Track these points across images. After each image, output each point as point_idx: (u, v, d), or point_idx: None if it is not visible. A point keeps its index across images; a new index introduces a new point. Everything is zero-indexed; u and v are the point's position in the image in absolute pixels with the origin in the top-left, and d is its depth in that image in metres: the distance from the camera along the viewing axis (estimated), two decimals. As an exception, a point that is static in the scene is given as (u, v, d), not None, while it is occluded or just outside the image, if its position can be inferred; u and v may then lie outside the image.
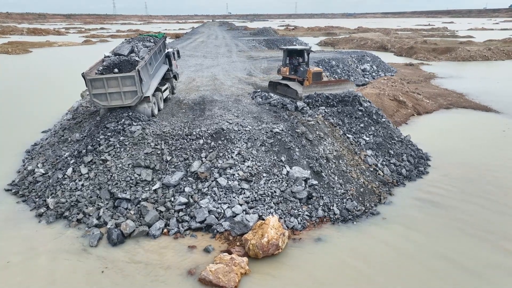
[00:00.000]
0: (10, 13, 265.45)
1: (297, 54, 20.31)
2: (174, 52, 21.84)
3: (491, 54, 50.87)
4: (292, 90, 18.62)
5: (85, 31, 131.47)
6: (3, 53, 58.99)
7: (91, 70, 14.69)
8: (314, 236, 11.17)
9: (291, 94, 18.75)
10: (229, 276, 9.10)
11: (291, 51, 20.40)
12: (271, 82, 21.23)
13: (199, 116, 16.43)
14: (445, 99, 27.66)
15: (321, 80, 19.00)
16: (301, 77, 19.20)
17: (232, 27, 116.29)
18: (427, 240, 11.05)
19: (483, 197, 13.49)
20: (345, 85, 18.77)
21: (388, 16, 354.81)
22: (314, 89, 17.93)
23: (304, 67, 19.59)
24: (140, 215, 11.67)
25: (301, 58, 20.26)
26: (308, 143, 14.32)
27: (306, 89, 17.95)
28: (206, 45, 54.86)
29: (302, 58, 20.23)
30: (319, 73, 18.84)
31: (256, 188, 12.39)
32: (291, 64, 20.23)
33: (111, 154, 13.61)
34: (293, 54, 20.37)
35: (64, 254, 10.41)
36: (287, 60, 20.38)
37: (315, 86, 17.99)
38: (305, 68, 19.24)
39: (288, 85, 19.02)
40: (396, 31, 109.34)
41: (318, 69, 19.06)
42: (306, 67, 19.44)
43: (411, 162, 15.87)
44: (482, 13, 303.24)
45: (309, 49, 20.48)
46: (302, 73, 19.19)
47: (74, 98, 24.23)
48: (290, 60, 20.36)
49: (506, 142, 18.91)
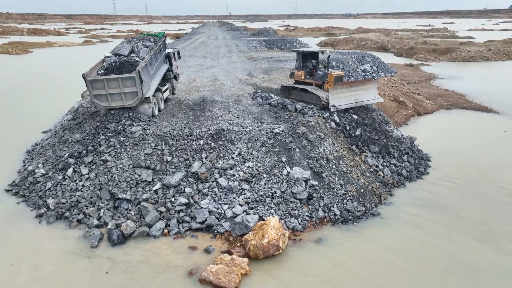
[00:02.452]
0: (10, 13, 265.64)
1: (312, 57, 19.00)
2: (174, 52, 21.84)
3: (491, 55, 50.89)
4: (311, 95, 17.19)
5: (85, 32, 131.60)
6: (3, 53, 59.04)
7: (91, 71, 14.70)
8: (315, 237, 11.18)
9: (310, 99, 17.37)
10: (229, 276, 9.10)
11: (306, 54, 19.08)
12: (283, 87, 19.91)
13: (199, 117, 16.44)
14: (445, 100, 27.67)
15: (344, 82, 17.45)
16: (320, 80, 17.88)
17: (232, 28, 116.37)
18: (428, 241, 11.05)
19: (483, 198, 13.49)
20: (369, 85, 17.25)
21: (388, 16, 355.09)
22: (340, 90, 16.38)
23: (322, 70, 18.31)
24: (141, 216, 11.67)
25: (315, 61, 18.88)
26: (309, 144, 14.33)
27: (333, 92, 16.20)
28: (206, 45, 54.89)
29: (316, 61, 18.87)
30: (341, 76, 17.51)
31: (257, 188, 12.40)
32: (306, 67, 18.85)
33: (112, 155, 13.62)
34: (308, 57, 19.06)
35: (65, 255, 10.40)
36: (301, 63, 19.02)
37: (340, 87, 16.38)
38: (325, 72, 17.97)
39: (306, 89, 17.65)
40: (396, 31, 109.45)
41: (339, 73, 17.70)
42: (326, 71, 18.13)
43: (411, 163, 15.87)
44: (482, 13, 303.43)
45: (328, 52, 18.68)
46: (321, 77, 17.83)
47: (75, 99, 24.27)
48: (304, 63, 19.02)
49: (506, 143, 18.92)
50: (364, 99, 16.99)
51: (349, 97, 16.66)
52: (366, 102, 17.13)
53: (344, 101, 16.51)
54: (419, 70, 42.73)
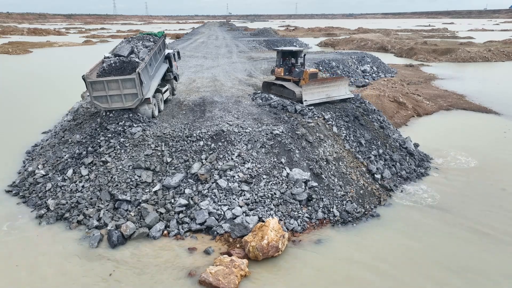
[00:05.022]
0: (10, 13, 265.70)
1: (291, 55, 20.45)
2: (174, 53, 21.81)
3: (491, 55, 50.92)
4: (288, 90, 18.66)
5: (86, 32, 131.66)
6: (3, 53, 59.06)
7: (91, 72, 14.71)
8: (314, 238, 11.20)
9: (288, 94, 18.80)
10: (229, 278, 9.12)
11: (286, 52, 20.57)
12: (265, 83, 21.37)
13: (199, 118, 16.44)
14: (445, 101, 27.69)
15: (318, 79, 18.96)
16: (297, 77, 19.22)
17: (232, 28, 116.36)
18: (427, 242, 11.06)
19: (484, 200, 13.51)
20: (340, 82, 18.73)
21: (388, 16, 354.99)
22: (312, 86, 17.85)
23: (300, 67, 19.67)
24: (140, 217, 11.69)
25: (294, 59, 20.32)
26: (308, 145, 14.34)
27: (305, 88, 17.74)
28: (206, 45, 54.89)
29: (295, 59, 20.30)
30: (315, 73, 18.93)
31: (256, 190, 12.42)
32: (285, 65, 20.30)
33: (112, 156, 13.64)
34: (287, 55, 20.55)
35: (65, 256, 10.42)
36: (281, 61, 20.50)
37: (313, 84, 17.91)
38: (301, 69, 19.34)
39: (283, 85, 19.09)
40: (396, 32, 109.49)
41: (314, 70, 19.11)
42: (302, 68, 19.52)
43: (411, 164, 15.88)
44: (482, 14, 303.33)
45: (304, 51, 20.61)
46: (298, 74, 19.21)
47: (75, 99, 24.29)
48: (284, 61, 20.45)
49: (507, 144, 18.94)
50: (335, 94, 18.51)
51: (321, 92, 18.19)
52: (337, 97, 18.57)
53: (316, 96, 18.01)
54: (419, 71, 42.75)
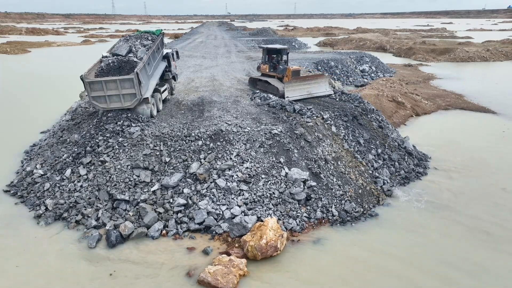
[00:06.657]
0: (8, 13, 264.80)
1: (276, 53, 21.42)
2: (173, 53, 21.75)
3: (489, 55, 50.99)
4: (272, 86, 19.69)
5: (84, 31, 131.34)
6: (1, 53, 58.86)
7: (89, 72, 14.67)
8: (313, 238, 11.20)
9: (272, 90, 19.79)
10: (227, 277, 9.12)
11: (271, 50, 21.53)
12: (251, 78, 22.45)
13: (198, 117, 16.43)
14: (444, 100, 27.72)
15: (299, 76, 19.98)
16: (281, 74, 20.23)
17: (231, 27, 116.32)
18: (426, 242, 11.07)
19: (482, 199, 13.52)
20: (321, 80, 19.84)
21: (387, 16, 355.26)
22: (294, 84, 18.86)
23: (283, 65, 20.74)
24: (139, 217, 11.67)
25: (279, 56, 21.30)
26: (307, 145, 14.34)
27: (288, 85, 18.71)
28: (205, 45, 54.85)
29: (280, 56, 21.27)
30: (298, 71, 19.93)
31: (255, 189, 12.41)
32: (270, 62, 21.30)
33: (110, 155, 13.62)
34: (272, 53, 21.50)
35: (64, 256, 10.40)
36: (266, 58, 21.48)
37: (294, 81, 18.96)
38: (285, 66, 20.38)
39: (268, 81, 20.13)
40: (395, 31, 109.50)
41: (297, 67, 20.13)
42: (286, 65, 20.57)
43: (410, 163, 15.89)
44: (481, 13, 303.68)
45: (287, 49, 21.65)
46: (282, 71, 20.24)
47: (73, 99, 24.25)
48: (269, 59, 21.45)
49: (505, 143, 18.96)
50: (316, 91, 19.57)
51: (302, 89, 19.25)
52: (318, 94, 19.62)
53: (297, 93, 19.05)
54: (418, 71, 42.79)
